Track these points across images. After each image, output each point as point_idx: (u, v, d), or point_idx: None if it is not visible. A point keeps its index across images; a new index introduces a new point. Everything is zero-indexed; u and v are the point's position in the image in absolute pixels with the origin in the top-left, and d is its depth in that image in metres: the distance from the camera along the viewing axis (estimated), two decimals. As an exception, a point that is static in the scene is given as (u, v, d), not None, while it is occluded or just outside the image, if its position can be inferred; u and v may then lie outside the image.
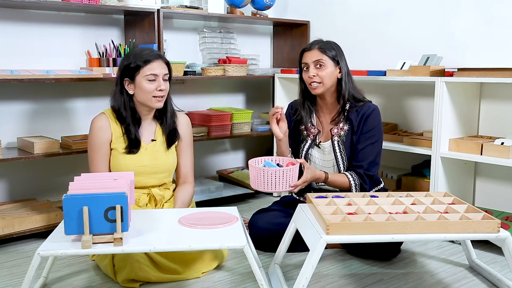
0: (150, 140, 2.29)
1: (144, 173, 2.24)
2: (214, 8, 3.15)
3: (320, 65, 2.31)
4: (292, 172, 2.12)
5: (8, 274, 2.17)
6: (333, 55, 2.33)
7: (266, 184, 2.10)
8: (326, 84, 2.33)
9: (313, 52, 2.33)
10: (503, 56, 2.64)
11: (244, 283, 2.07)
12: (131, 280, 2.00)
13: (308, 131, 2.45)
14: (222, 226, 1.87)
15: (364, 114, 2.34)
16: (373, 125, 2.34)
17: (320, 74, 2.31)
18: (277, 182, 2.09)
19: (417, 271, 2.21)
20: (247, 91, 3.76)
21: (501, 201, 2.72)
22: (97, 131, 2.21)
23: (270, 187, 2.10)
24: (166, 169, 2.30)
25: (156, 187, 2.30)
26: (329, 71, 2.32)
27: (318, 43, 2.36)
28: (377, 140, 2.35)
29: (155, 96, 2.18)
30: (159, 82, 2.18)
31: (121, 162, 2.22)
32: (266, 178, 2.08)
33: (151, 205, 2.26)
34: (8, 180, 2.80)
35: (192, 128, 2.46)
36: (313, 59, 2.32)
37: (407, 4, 3.05)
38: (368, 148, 2.33)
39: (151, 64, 2.16)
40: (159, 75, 2.18)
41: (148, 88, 2.16)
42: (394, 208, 1.91)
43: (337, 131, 2.38)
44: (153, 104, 2.21)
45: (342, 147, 2.36)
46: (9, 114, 2.75)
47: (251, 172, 2.14)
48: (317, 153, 2.43)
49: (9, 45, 2.70)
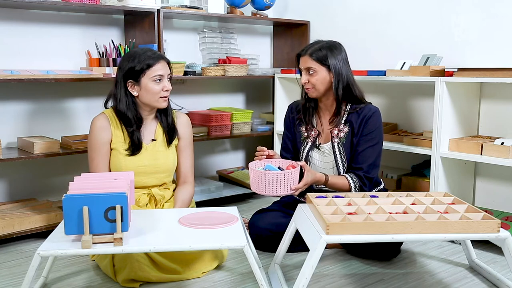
0: (150, 140, 2.29)
1: (144, 173, 2.24)
2: (214, 8, 3.15)
3: (310, 71, 2.31)
4: (292, 175, 2.10)
5: (8, 274, 2.17)
6: (323, 61, 2.29)
7: (267, 188, 2.07)
8: (319, 89, 2.32)
9: (305, 59, 2.33)
10: (503, 56, 2.64)
11: (244, 283, 2.07)
12: (131, 280, 2.00)
13: (308, 132, 2.45)
14: (222, 226, 1.87)
15: (365, 116, 2.33)
16: (374, 127, 2.33)
17: (311, 80, 2.31)
18: (278, 185, 2.07)
19: (417, 271, 2.21)
20: (247, 91, 3.76)
21: (501, 201, 2.72)
22: (97, 131, 2.21)
23: (271, 191, 2.07)
24: (166, 169, 2.30)
25: (156, 187, 2.30)
26: (319, 77, 2.30)
27: (311, 48, 2.32)
28: (377, 142, 2.34)
29: (162, 96, 2.20)
30: (165, 83, 2.20)
31: (121, 162, 2.22)
32: (267, 181, 2.06)
33: (151, 205, 2.26)
34: (8, 180, 2.80)
35: (192, 128, 2.46)
36: (305, 65, 2.32)
37: (407, 4, 3.05)
38: (368, 150, 2.32)
39: (156, 66, 2.18)
40: (164, 75, 2.20)
41: (155, 89, 2.18)
42: (394, 208, 1.91)
43: (337, 132, 2.38)
44: (159, 104, 2.22)
45: (342, 149, 2.36)
46: (9, 114, 2.75)
47: (252, 175, 2.11)
48: (317, 154, 2.43)
49: (9, 45, 2.71)
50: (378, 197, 2.04)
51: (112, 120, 2.24)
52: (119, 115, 2.23)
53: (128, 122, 2.22)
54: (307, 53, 2.32)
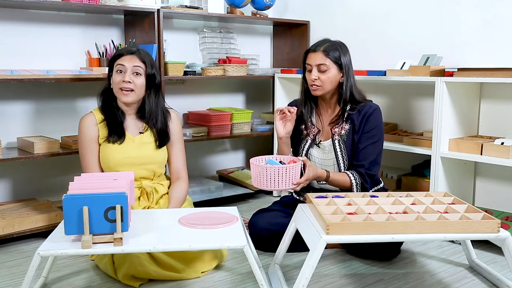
0: (138, 132, 2.31)
1: (132, 165, 2.26)
2: (214, 8, 3.15)
3: (323, 68, 2.30)
4: (294, 169, 2.10)
5: (8, 274, 2.17)
6: (337, 59, 2.30)
7: (269, 182, 2.08)
8: (326, 88, 2.32)
9: (317, 55, 2.30)
10: (503, 56, 2.64)
11: (244, 283, 2.07)
12: (131, 276, 2.00)
13: (308, 130, 2.45)
14: (222, 226, 1.87)
15: (366, 114, 2.34)
16: (375, 124, 2.34)
17: (322, 78, 2.30)
18: (280, 180, 2.07)
19: (417, 271, 2.21)
20: (247, 91, 3.76)
21: (501, 201, 2.72)
22: (85, 129, 2.27)
23: (272, 185, 2.08)
24: (154, 160, 2.31)
25: (148, 180, 2.31)
26: (331, 75, 2.30)
27: (324, 45, 2.32)
28: (378, 139, 2.35)
29: (121, 88, 2.22)
30: (126, 75, 2.21)
31: (108, 154, 2.25)
32: (269, 176, 2.07)
33: (144, 198, 2.27)
34: (8, 180, 2.80)
35: (190, 128, 2.46)
36: (317, 62, 2.30)
37: (407, 4, 3.05)
38: (369, 148, 2.32)
39: (123, 57, 2.25)
40: (128, 67, 2.22)
41: (115, 80, 2.24)
42: (394, 208, 1.91)
43: (338, 130, 2.38)
44: (119, 97, 2.25)
45: (343, 146, 2.36)
46: (9, 114, 2.75)
47: (253, 170, 2.12)
48: (317, 152, 2.43)
49: (9, 45, 2.71)
50: (378, 197, 2.04)
51: (98, 117, 2.28)
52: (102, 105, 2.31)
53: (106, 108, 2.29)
54: (321, 49, 2.31)
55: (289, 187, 2.12)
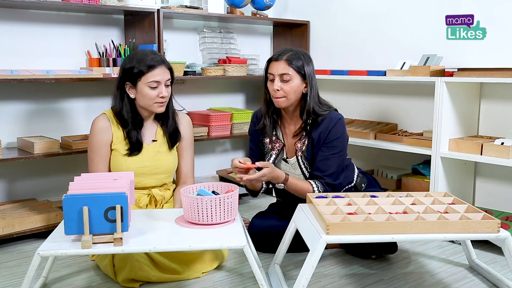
0: (151, 140, 2.28)
1: (145, 174, 2.24)
2: (214, 8, 3.15)
3: (285, 78, 2.20)
4: (230, 199, 1.88)
5: (8, 274, 2.17)
6: (300, 68, 2.20)
7: (201, 216, 1.85)
8: (291, 98, 2.22)
9: (280, 64, 2.20)
10: (503, 56, 2.64)
11: (244, 283, 2.07)
12: (131, 280, 2.00)
13: (272, 144, 2.37)
14: (222, 226, 1.87)
15: (328, 127, 2.24)
16: (336, 135, 2.24)
17: (284, 88, 2.20)
18: (213, 212, 1.85)
19: (417, 271, 2.21)
20: (247, 91, 3.76)
21: (501, 201, 2.72)
22: (98, 132, 2.20)
23: (205, 219, 1.85)
24: (166, 169, 2.30)
25: (157, 188, 2.30)
26: (294, 85, 2.20)
27: (286, 54, 2.22)
28: (340, 150, 2.26)
29: (157, 102, 2.18)
30: (161, 89, 2.16)
31: (121, 163, 2.21)
32: (199, 208, 1.84)
33: (151, 205, 2.26)
34: (8, 180, 2.80)
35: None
36: (279, 71, 2.20)
37: (407, 4, 3.05)
38: (330, 159, 2.24)
39: (154, 71, 2.14)
40: (161, 81, 2.16)
41: (150, 95, 2.15)
42: (394, 208, 1.91)
43: (300, 146, 2.31)
44: (155, 109, 2.21)
45: (306, 163, 2.30)
46: (9, 114, 2.75)
47: (183, 202, 1.91)
48: (285, 167, 2.37)
49: (9, 45, 2.70)
50: (378, 197, 2.04)
51: (112, 120, 2.23)
52: (116, 115, 2.23)
53: (124, 122, 2.21)
54: (284, 58, 2.21)
55: (225, 221, 1.89)
